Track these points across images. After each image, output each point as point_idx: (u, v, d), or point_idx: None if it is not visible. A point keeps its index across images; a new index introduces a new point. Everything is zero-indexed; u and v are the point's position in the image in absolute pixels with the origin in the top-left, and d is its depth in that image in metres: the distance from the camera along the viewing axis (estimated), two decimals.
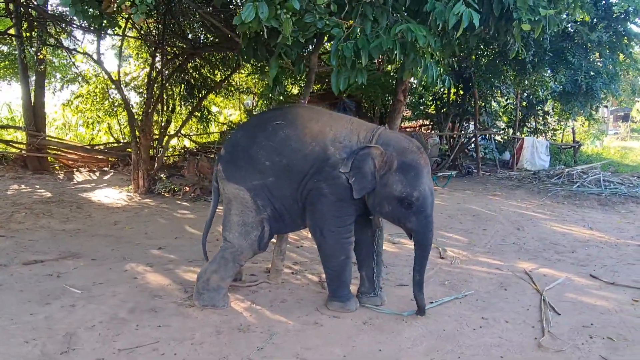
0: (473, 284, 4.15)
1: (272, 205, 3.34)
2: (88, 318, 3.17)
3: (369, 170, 3.14)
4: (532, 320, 3.38)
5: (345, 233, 3.32)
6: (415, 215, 3.18)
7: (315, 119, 3.36)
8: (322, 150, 3.22)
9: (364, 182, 3.15)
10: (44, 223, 6.16)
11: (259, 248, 3.41)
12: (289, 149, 3.25)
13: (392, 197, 3.16)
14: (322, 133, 3.27)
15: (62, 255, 4.67)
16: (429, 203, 3.20)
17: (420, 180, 3.15)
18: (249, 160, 3.33)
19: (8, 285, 3.78)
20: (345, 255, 3.37)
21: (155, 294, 3.67)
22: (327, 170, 3.19)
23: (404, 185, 3.12)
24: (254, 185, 3.30)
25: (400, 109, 7.90)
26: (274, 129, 3.32)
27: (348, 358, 2.82)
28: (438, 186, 9.54)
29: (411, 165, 3.16)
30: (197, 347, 2.86)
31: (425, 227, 3.24)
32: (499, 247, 5.49)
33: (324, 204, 3.25)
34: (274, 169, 3.27)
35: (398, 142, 3.24)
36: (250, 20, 2.34)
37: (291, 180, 3.28)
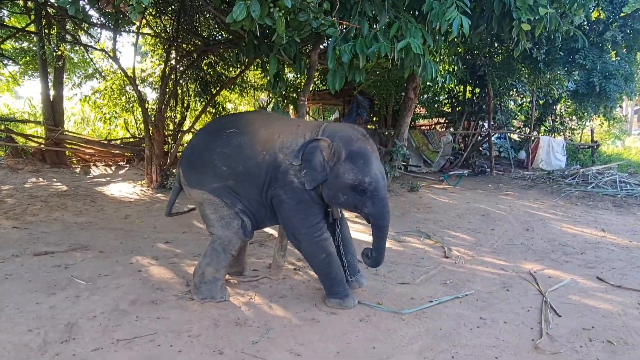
0: (475, 284, 4.13)
1: (240, 202, 3.43)
2: (90, 309, 3.25)
3: (319, 161, 3.20)
4: (531, 322, 3.35)
5: (316, 232, 3.39)
6: (370, 199, 3.23)
7: (265, 126, 3.45)
8: (272, 159, 3.33)
9: (314, 173, 3.21)
10: (57, 216, 6.31)
11: (244, 235, 3.49)
12: (243, 156, 3.37)
13: (345, 186, 3.21)
14: (270, 140, 3.37)
15: (72, 247, 4.79)
16: (382, 186, 3.26)
17: (370, 165, 3.21)
18: (206, 166, 3.44)
19: (17, 275, 3.89)
20: (325, 252, 3.42)
21: (158, 286, 3.74)
22: (280, 178, 3.31)
23: (355, 173, 3.18)
24: (215, 188, 3.41)
25: (411, 106, 7.88)
26: (228, 137, 3.43)
27: (341, 354, 2.83)
28: (449, 185, 9.47)
29: (359, 152, 3.21)
30: (193, 339, 2.91)
31: (382, 209, 3.28)
32: (506, 247, 5.43)
33: (286, 209, 3.36)
34: (231, 173, 3.38)
35: (343, 133, 3.30)
36: (242, 19, 2.36)
37: (251, 184, 3.39)
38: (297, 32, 2.90)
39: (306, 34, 2.94)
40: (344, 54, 3.04)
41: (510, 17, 3.22)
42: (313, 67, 3.94)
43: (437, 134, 11.70)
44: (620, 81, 8.13)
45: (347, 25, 3.07)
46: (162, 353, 2.74)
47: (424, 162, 11.72)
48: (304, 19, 2.71)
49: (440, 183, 9.61)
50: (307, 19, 2.71)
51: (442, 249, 5.24)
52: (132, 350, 2.76)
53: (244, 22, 2.41)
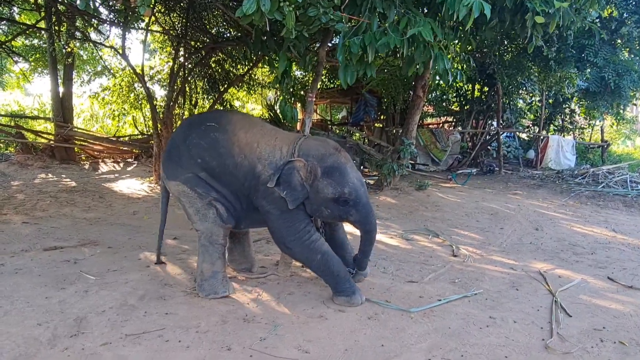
0: (484, 283, 4.09)
1: (214, 190, 3.47)
2: (99, 303, 3.26)
3: (297, 182, 3.28)
4: (541, 322, 3.32)
5: (305, 235, 3.41)
6: (353, 208, 3.32)
7: (245, 129, 3.50)
8: (250, 167, 3.39)
9: (295, 193, 3.31)
10: (66, 211, 6.35)
11: (223, 222, 3.51)
12: (217, 153, 3.42)
13: (327, 200, 3.30)
14: (249, 146, 3.43)
15: (81, 243, 4.81)
16: (362, 193, 3.34)
17: (346, 176, 3.30)
18: (181, 156, 3.51)
19: (27, 270, 3.91)
20: (319, 253, 3.42)
21: (166, 282, 3.75)
22: (261, 189, 3.38)
23: (333, 187, 3.27)
24: (188, 178, 3.47)
25: (419, 104, 7.84)
26: (206, 130, 3.48)
27: (349, 352, 2.82)
28: (457, 184, 9.42)
29: (333, 166, 3.30)
30: (201, 335, 2.91)
31: (366, 215, 3.36)
32: (515, 246, 5.39)
33: (273, 220, 3.43)
34: (204, 166, 3.45)
35: (316, 150, 3.38)
36: (252, 12, 2.35)
37: (226, 181, 3.46)
38: (305, 27, 2.89)
39: (315, 29, 2.92)
40: (353, 45, 3.02)
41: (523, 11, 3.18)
42: (321, 64, 3.92)
43: (445, 133, 11.64)
44: (635, 78, 8.03)
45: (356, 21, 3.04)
46: (171, 348, 2.74)
47: (431, 160, 11.67)
48: (313, 13, 2.69)
49: (448, 182, 9.56)
50: (317, 14, 2.69)
51: (450, 247, 5.21)
52: (140, 345, 2.76)
53: (253, 17, 2.40)
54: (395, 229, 5.99)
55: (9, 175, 9.09)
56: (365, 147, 10.77)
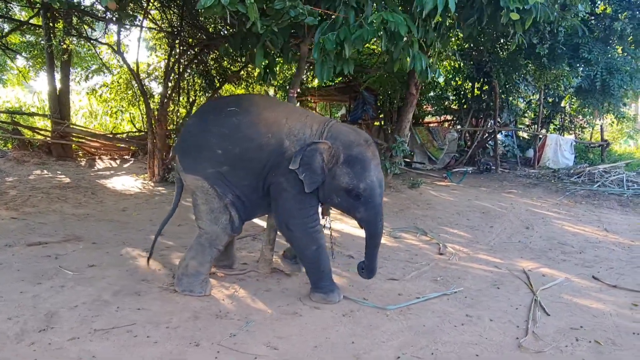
0: (466, 281, 4.06)
1: (232, 191, 3.35)
2: (73, 299, 3.25)
3: (318, 165, 3.16)
4: (518, 320, 3.28)
5: (311, 222, 3.35)
6: (363, 205, 3.21)
7: (271, 108, 3.38)
8: (278, 144, 3.24)
9: (313, 177, 3.18)
10: (56, 207, 6.35)
11: (232, 231, 3.44)
12: (240, 137, 3.25)
13: (340, 189, 3.20)
14: (277, 124, 3.28)
15: (65, 239, 4.81)
16: (377, 194, 3.22)
17: (367, 172, 3.18)
18: (201, 149, 3.33)
19: (7, 265, 3.91)
20: (316, 244, 3.36)
21: (144, 278, 3.73)
22: (285, 165, 3.22)
23: (350, 178, 3.16)
24: (209, 174, 3.31)
25: (412, 101, 7.80)
26: (227, 115, 3.31)
27: (319, 349, 2.80)
28: (452, 182, 9.37)
29: (357, 157, 3.19)
30: (171, 331, 2.90)
31: (375, 217, 3.25)
32: (502, 245, 5.35)
33: (286, 199, 3.29)
34: (226, 157, 3.28)
35: (346, 136, 3.27)
36: (211, 5, 2.31)
37: (247, 170, 3.30)
38: (274, 22, 2.85)
39: (285, 23, 2.89)
40: (327, 41, 2.99)
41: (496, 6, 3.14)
42: (303, 59, 3.89)
43: (442, 131, 11.58)
44: (625, 77, 7.92)
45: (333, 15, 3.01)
46: (138, 343, 2.73)
47: (428, 159, 11.62)
48: (279, 6, 2.66)
49: (443, 180, 9.51)
50: (283, 7, 2.65)
51: (437, 245, 5.18)
52: (108, 340, 2.75)
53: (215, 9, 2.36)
54: (384, 227, 5.94)
55: (4, 171, 9.12)
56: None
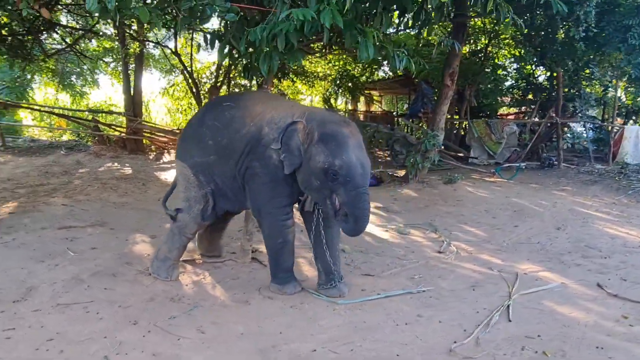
0: (444, 281, 3.89)
1: (214, 181, 3.53)
2: (57, 276, 3.67)
3: (295, 145, 3.14)
4: (470, 324, 3.09)
5: (281, 215, 3.36)
6: (343, 186, 3.03)
7: (262, 102, 3.48)
8: (257, 131, 3.32)
9: (292, 157, 3.15)
10: (104, 196, 7.06)
11: (202, 220, 3.62)
12: (231, 129, 3.40)
13: (317, 169, 3.07)
14: (261, 115, 3.37)
15: (91, 224, 5.36)
16: (357, 174, 3.03)
17: (343, 149, 3.04)
18: (194, 139, 3.56)
19: (28, 244, 4.48)
20: (282, 238, 3.39)
21: (129, 261, 4.08)
22: (260, 150, 3.28)
23: (325, 155, 3.04)
24: (196, 163, 3.52)
25: (447, 93, 7.48)
26: (222, 110, 3.50)
27: (244, 336, 2.89)
28: (503, 178, 8.80)
29: (331, 134, 3.09)
30: (120, 310, 3.17)
31: (355, 199, 3.03)
32: (516, 246, 4.98)
33: (258, 183, 3.34)
34: (215, 147, 3.45)
35: (321, 116, 3.24)
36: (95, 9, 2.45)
37: (228, 158, 3.42)
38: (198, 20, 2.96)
39: (207, 21, 2.99)
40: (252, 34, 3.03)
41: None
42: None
43: (500, 124, 10.87)
44: None
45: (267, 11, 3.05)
46: (86, 319, 3.03)
47: (487, 153, 10.98)
48: (186, 7, 2.75)
49: (492, 176, 8.96)
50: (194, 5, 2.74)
51: (441, 243, 4.97)
52: (63, 314, 3.09)
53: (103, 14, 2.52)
54: (398, 222, 5.83)
55: (82, 163, 10.27)
56: (412, 138, 10.44)
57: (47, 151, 11.16)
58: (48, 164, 9.75)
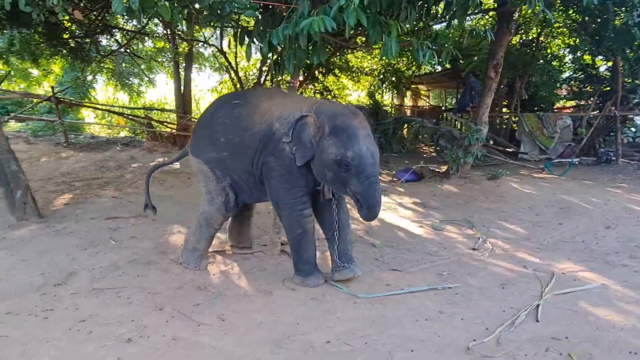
0: (473, 278, 3.77)
1: (230, 176, 3.64)
2: (96, 263, 3.90)
3: (307, 138, 3.22)
4: (493, 323, 2.98)
5: (298, 205, 3.42)
6: (355, 177, 3.13)
7: (268, 99, 3.54)
8: (268, 128, 3.40)
9: (304, 150, 3.23)
10: (152, 189, 7.35)
11: (226, 211, 3.75)
12: (240, 128, 3.50)
13: (330, 161, 3.16)
14: (270, 112, 3.44)
15: (136, 215, 5.64)
16: (368, 164, 3.14)
17: (354, 140, 3.13)
18: (207, 136, 3.67)
19: (76, 233, 4.80)
20: (301, 228, 3.45)
21: (163, 250, 4.26)
22: (272, 145, 3.37)
23: (337, 147, 3.13)
24: (210, 158, 3.63)
25: (491, 86, 7.21)
26: (232, 108, 3.59)
27: (262, 325, 2.95)
28: (553, 174, 8.37)
29: (341, 127, 3.17)
30: (149, 296, 3.33)
31: (368, 188, 3.14)
32: (556, 244, 4.74)
33: (274, 177, 3.42)
34: (227, 145, 3.55)
35: (330, 109, 3.30)
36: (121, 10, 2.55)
37: (243, 155, 3.51)
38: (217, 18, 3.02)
39: (226, 19, 3.03)
40: (274, 37, 3.05)
41: None
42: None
43: (552, 117, 10.32)
44: None
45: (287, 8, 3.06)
46: (117, 303, 3.21)
47: (539, 149, 10.48)
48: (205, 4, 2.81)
49: (541, 172, 8.54)
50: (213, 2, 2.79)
51: (477, 240, 4.82)
52: (97, 298, 3.29)
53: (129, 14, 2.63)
54: (434, 218, 5.71)
55: (135, 158, 10.79)
56: (458, 133, 10.16)
57: (104, 147, 11.82)
58: (104, 159, 10.32)
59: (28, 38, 8.87)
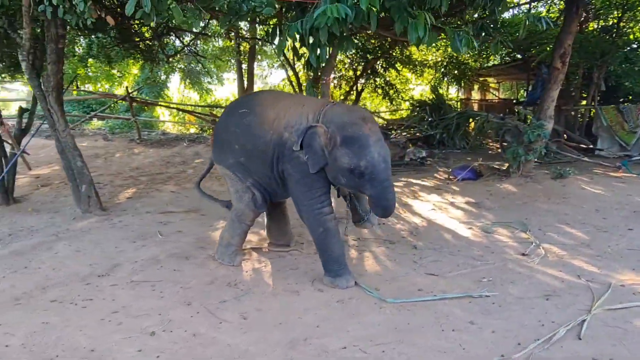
0: (515, 287, 3.50)
1: (251, 177, 3.75)
2: (139, 256, 4.11)
3: (318, 146, 3.29)
4: (527, 337, 2.75)
5: (316, 204, 3.47)
6: (369, 182, 3.25)
7: (272, 106, 3.64)
8: (278, 137, 3.51)
9: (316, 157, 3.31)
10: (207, 185, 7.64)
11: (256, 208, 3.85)
12: (251, 136, 3.63)
13: (344, 169, 3.28)
14: (277, 120, 3.55)
15: (187, 210, 5.89)
16: (381, 169, 3.24)
17: (366, 149, 3.21)
18: (223, 144, 3.85)
19: (129, 225, 5.09)
20: (322, 227, 3.47)
21: (203, 245, 4.39)
22: (286, 153, 3.49)
23: (350, 157, 3.22)
24: (231, 164, 3.79)
25: (557, 77, 6.69)
26: (240, 117, 3.73)
27: (282, 325, 2.94)
28: (632, 173, 7.60)
29: (353, 137, 3.23)
30: (181, 290, 3.44)
31: (382, 192, 3.27)
32: (622, 252, 4.27)
33: (292, 182, 3.54)
34: (243, 150, 3.69)
35: (339, 118, 3.33)
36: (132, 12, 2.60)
37: (259, 160, 3.65)
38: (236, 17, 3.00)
39: (245, 17, 3.01)
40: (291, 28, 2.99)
41: None
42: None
43: (635, 110, 9.36)
44: None
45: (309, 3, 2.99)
46: (150, 295, 3.35)
47: (618, 145, 9.57)
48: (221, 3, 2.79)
49: (617, 171, 7.78)
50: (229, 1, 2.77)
51: (529, 245, 4.48)
52: (133, 290, 3.45)
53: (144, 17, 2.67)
54: (487, 220, 5.39)
55: (200, 154, 11.28)
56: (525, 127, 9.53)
57: (173, 143, 12.46)
58: (171, 155, 10.90)
59: (104, 42, 9.52)
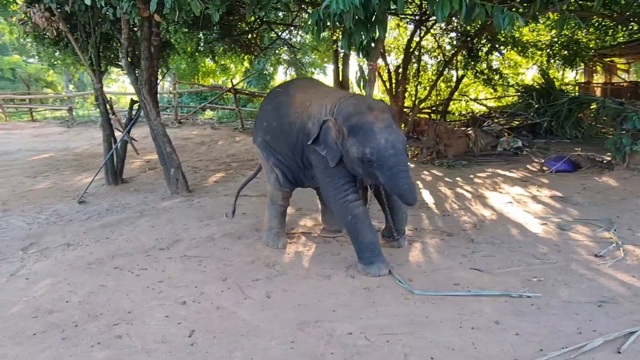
0: (567, 290, 3.15)
1: (274, 156, 3.93)
2: (199, 234, 4.46)
3: (332, 141, 3.39)
4: (553, 344, 2.47)
5: (341, 193, 3.51)
6: (378, 170, 3.25)
7: (303, 90, 3.77)
8: (302, 125, 3.62)
9: (332, 151, 3.39)
10: None
11: (280, 187, 4.02)
12: (279, 114, 3.77)
13: (355, 159, 3.31)
14: (303, 105, 3.65)
15: (260, 194, 6.19)
16: (389, 155, 3.19)
17: (370, 136, 3.22)
18: (258, 122, 4.10)
19: (204, 207, 5.54)
20: (350, 214, 3.47)
21: (258, 227, 4.61)
22: (310, 145, 3.53)
23: (357, 147, 3.26)
24: (260, 142, 4.02)
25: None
26: (274, 96, 3.92)
27: (300, 307, 3.01)
28: None
29: (357, 125, 3.28)
30: (222, 267, 3.68)
31: (392, 178, 3.21)
32: None
33: (318, 172, 3.65)
34: (269, 128, 3.90)
35: (346, 109, 3.35)
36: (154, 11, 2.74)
37: (283, 140, 3.81)
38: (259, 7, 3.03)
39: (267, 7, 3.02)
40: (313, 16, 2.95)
41: None
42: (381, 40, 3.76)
43: None
44: None
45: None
46: (194, 270, 3.64)
47: None
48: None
49: None
50: None
51: (608, 245, 3.96)
52: (183, 263, 3.78)
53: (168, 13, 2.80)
54: (568, 216, 4.85)
55: None
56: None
57: None
58: None
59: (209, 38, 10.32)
